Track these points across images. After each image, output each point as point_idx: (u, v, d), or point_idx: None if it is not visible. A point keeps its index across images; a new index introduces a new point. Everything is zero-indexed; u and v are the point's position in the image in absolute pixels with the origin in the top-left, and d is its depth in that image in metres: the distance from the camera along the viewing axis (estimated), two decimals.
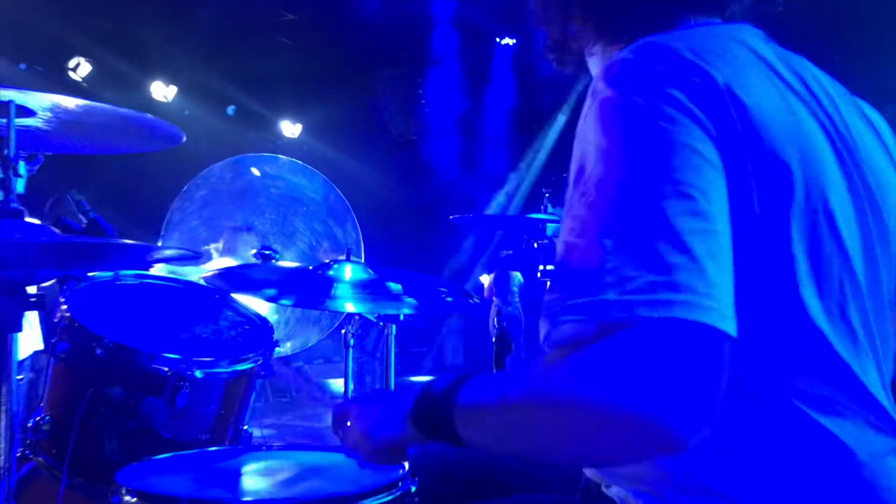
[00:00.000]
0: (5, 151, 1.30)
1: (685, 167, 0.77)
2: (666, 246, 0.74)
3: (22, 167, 1.32)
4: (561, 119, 9.41)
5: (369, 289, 1.96)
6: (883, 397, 0.90)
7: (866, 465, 0.86)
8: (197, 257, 1.37)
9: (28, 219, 1.32)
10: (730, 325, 0.73)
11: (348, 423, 1.06)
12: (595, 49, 1.08)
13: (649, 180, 0.77)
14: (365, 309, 1.93)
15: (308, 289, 1.97)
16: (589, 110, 0.85)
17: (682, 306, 0.72)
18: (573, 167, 0.86)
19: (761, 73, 0.90)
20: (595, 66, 1.10)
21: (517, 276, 7.91)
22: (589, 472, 1.06)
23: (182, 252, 1.36)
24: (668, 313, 0.71)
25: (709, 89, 0.82)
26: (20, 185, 1.31)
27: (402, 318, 2.09)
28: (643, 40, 0.88)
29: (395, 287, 2.00)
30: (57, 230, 1.64)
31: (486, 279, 7.92)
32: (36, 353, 3.86)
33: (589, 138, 0.83)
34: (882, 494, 0.87)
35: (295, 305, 1.81)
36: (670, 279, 0.73)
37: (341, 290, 1.93)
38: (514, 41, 8.78)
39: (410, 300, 1.95)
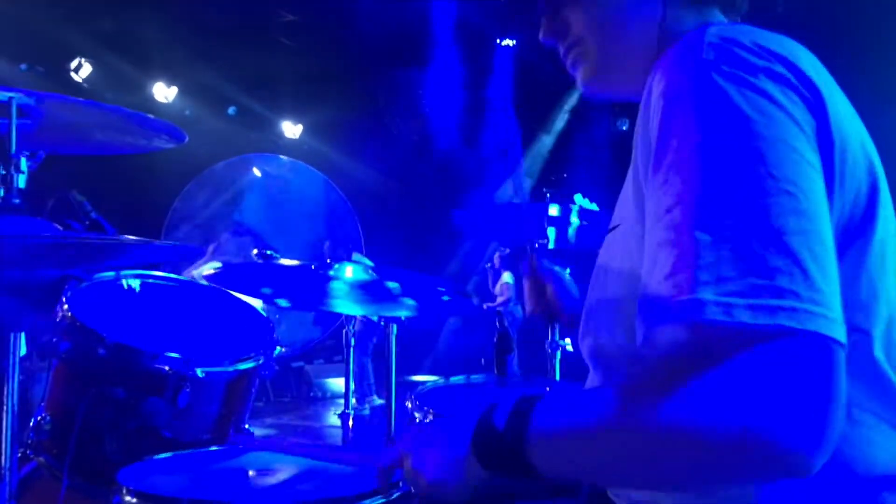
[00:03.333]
0: (6, 148, 1.30)
1: (784, 163, 0.72)
2: (767, 246, 0.68)
3: (23, 163, 1.32)
4: (561, 120, 9.42)
5: (369, 289, 1.96)
6: None
7: None
8: (199, 255, 1.37)
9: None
10: (839, 332, 0.67)
11: (408, 475, 0.98)
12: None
13: (747, 175, 0.71)
14: (365, 311, 1.92)
15: (307, 289, 1.97)
16: (669, 92, 0.80)
17: (786, 313, 0.65)
18: (647, 152, 0.81)
19: (830, 78, 0.87)
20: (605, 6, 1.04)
21: (508, 277, 7.91)
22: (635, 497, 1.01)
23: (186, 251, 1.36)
24: (772, 320, 0.65)
25: (806, 87, 0.79)
26: (21, 181, 1.31)
27: (403, 318, 2.09)
28: (717, 27, 0.83)
29: (394, 287, 2.00)
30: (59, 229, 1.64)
31: (507, 277, 7.91)
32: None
33: (673, 123, 0.78)
34: None
35: (294, 307, 1.81)
36: (772, 283, 0.67)
37: (341, 291, 1.93)
38: (514, 42, 8.78)
39: (410, 301, 1.95)
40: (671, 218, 0.73)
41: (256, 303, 2.05)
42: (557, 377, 2.15)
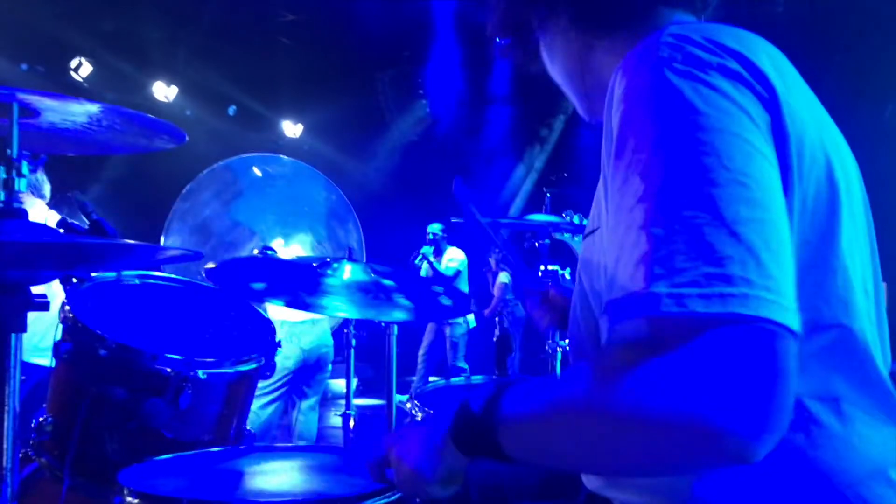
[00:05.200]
0: (8, 152, 1.30)
1: (736, 155, 0.73)
2: (719, 235, 0.69)
3: (25, 167, 1.32)
4: (561, 119, 9.41)
5: (369, 290, 1.96)
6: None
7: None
8: (198, 257, 1.37)
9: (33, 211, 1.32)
10: (791, 319, 0.68)
11: (393, 465, 1.01)
12: (558, 38, 1.06)
13: (700, 167, 0.73)
14: (363, 313, 1.92)
15: (305, 290, 1.97)
16: (627, 93, 0.81)
17: (738, 300, 0.66)
18: (609, 154, 0.82)
19: (794, 75, 0.89)
20: (555, 54, 1.08)
21: (504, 277, 7.88)
22: (591, 485, 1.04)
23: (184, 252, 1.36)
24: (724, 308, 0.66)
25: (759, 82, 0.80)
26: (23, 185, 1.31)
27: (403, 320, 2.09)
28: (675, 26, 0.85)
29: (393, 288, 2.00)
30: (60, 231, 1.64)
31: (504, 277, 7.86)
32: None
33: (630, 123, 0.79)
34: None
35: (289, 306, 1.80)
36: (724, 271, 0.68)
37: (339, 292, 1.92)
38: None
39: (406, 303, 1.95)
40: (631, 217, 0.75)
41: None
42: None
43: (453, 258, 7.31)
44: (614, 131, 0.82)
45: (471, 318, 7.50)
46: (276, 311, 3.82)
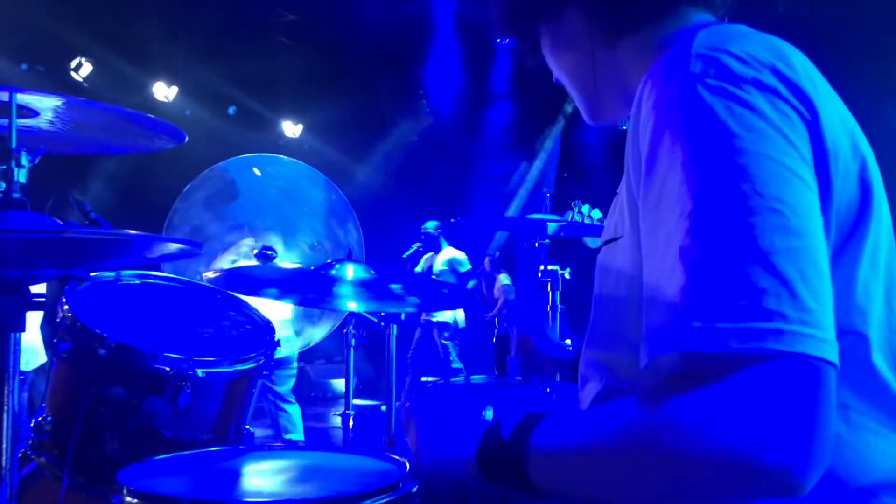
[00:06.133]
0: (7, 146, 1.30)
1: (771, 180, 0.71)
2: (754, 267, 0.68)
3: (24, 157, 1.32)
4: (562, 120, 9.41)
5: (371, 289, 1.97)
6: None
7: None
8: (198, 247, 1.37)
9: None
10: (828, 351, 0.67)
11: (411, 436, 1.01)
12: (567, 34, 1.03)
13: (733, 195, 0.71)
14: (367, 308, 1.93)
15: (311, 288, 1.98)
16: (658, 107, 0.79)
17: (773, 336, 0.66)
18: (639, 168, 0.80)
19: (822, 80, 0.86)
20: (563, 51, 1.05)
21: (505, 278, 7.85)
22: None
23: (184, 247, 1.36)
24: (759, 344, 0.66)
25: (797, 96, 0.78)
26: (22, 176, 1.31)
27: (403, 317, 2.10)
28: (705, 31, 0.83)
29: (396, 288, 2.00)
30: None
31: (504, 278, 7.83)
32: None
33: (661, 141, 0.77)
34: None
35: (298, 304, 1.81)
36: (759, 305, 0.67)
37: (343, 290, 1.93)
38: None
39: (413, 299, 1.95)
40: (663, 247, 0.74)
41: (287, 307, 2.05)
42: (557, 378, 2.15)
43: (454, 258, 7.28)
44: (644, 146, 0.80)
45: (461, 318, 7.47)
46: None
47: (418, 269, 7.28)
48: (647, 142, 0.79)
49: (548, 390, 1.67)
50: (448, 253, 7.30)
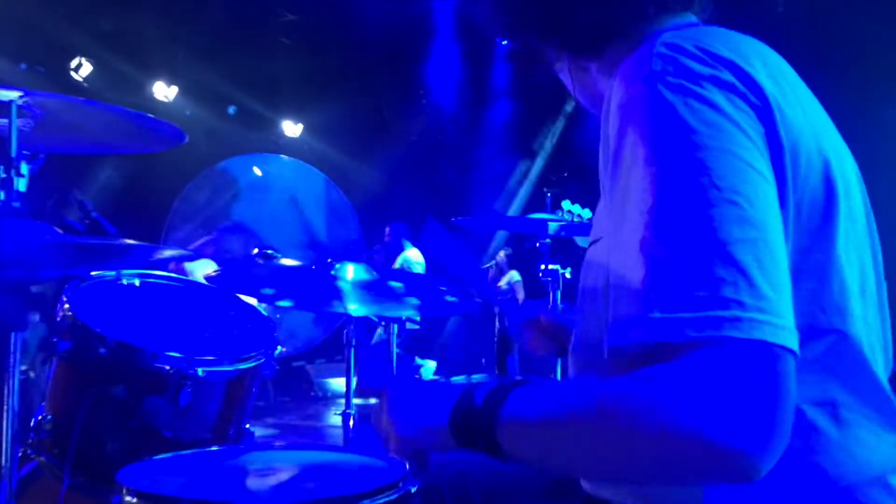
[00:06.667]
0: (7, 151, 1.31)
1: (728, 173, 0.74)
2: (712, 258, 0.70)
3: (24, 167, 1.32)
4: (562, 119, 9.41)
5: (372, 289, 1.96)
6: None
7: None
8: (196, 257, 1.37)
9: None
10: (786, 338, 0.69)
11: (382, 411, 1.01)
12: (562, 63, 1.08)
13: (692, 188, 0.73)
14: (368, 311, 1.92)
15: (311, 289, 1.97)
16: (622, 105, 0.82)
17: (730, 323, 0.68)
18: (605, 172, 0.83)
19: (791, 78, 0.88)
20: (569, 77, 1.09)
21: (514, 275, 7.87)
22: (588, 488, 1.03)
23: (182, 253, 1.36)
24: (716, 332, 0.68)
25: (753, 92, 0.80)
26: (22, 185, 1.31)
27: (404, 318, 2.09)
28: (670, 32, 0.85)
29: (398, 286, 2.00)
30: (59, 230, 1.64)
31: (515, 275, 7.82)
32: None
33: (625, 138, 0.80)
34: None
35: (296, 308, 1.81)
36: (716, 294, 0.69)
37: (343, 291, 1.92)
38: None
39: (413, 300, 1.95)
40: (627, 241, 0.76)
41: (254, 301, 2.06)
42: (558, 377, 2.15)
43: (407, 258, 7.28)
44: (611, 144, 0.83)
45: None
46: None
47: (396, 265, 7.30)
48: (613, 139, 0.82)
49: None
50: (407, 254, 7.33)
